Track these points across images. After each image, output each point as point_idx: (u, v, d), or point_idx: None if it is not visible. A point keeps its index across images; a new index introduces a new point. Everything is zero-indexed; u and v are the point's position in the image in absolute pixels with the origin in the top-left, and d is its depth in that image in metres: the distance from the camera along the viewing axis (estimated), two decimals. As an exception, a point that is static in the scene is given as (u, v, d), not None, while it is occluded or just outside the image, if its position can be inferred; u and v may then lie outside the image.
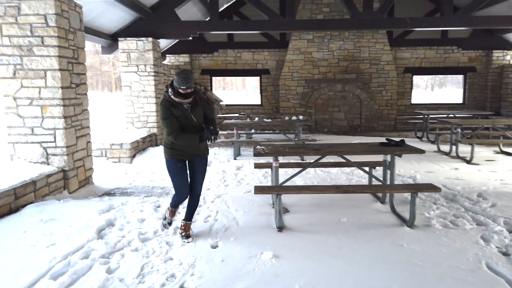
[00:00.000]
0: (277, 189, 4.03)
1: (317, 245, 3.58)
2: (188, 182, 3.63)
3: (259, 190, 3.95)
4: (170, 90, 3.39)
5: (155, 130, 8.98)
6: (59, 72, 4.91)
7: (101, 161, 7.16)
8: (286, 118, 8.22)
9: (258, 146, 4.46)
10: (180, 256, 3.35)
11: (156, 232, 3.88)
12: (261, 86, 13.40)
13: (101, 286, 2.82)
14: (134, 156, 7.48)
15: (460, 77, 14.93)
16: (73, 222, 3.92)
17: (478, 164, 7.03)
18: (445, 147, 8.59)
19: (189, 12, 10.30)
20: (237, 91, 46.36)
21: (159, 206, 4.72)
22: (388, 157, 4.57)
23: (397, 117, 12.71)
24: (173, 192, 3.80)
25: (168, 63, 12.80)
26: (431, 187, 4.01)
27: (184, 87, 3.31)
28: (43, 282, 2.81)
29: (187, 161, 3.63)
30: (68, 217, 4.02)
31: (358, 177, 6.12)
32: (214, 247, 3.57)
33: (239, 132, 6.83)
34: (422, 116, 10.80)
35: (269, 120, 7.81)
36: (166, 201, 4.85)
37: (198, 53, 13.05)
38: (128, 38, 8.74)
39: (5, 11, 4.80)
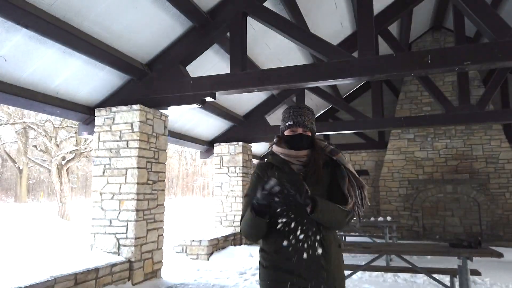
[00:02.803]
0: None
1: None
2: None
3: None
4: (275, 139, 2.07)
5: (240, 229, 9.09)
6: (137, 170, 5.56)
7: (181, 257, 7.41)
8: (372, 218, 7.53)
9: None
10: None
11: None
12: (359, 188, 12.80)
13: None
14: (211, 253, 7.56)
15: None
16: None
17: None
18: None
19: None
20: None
21: (205, 305, 4.55)
22: (461, 261, 3.72)
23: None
24: None
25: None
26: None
27: (291, 123, 1.96)
28: None
29: None
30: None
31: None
32: None
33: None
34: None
35: (350, 220, 7.21)
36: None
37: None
38: (222, 143, 9.60)
39: (104, 122, 5.85)
